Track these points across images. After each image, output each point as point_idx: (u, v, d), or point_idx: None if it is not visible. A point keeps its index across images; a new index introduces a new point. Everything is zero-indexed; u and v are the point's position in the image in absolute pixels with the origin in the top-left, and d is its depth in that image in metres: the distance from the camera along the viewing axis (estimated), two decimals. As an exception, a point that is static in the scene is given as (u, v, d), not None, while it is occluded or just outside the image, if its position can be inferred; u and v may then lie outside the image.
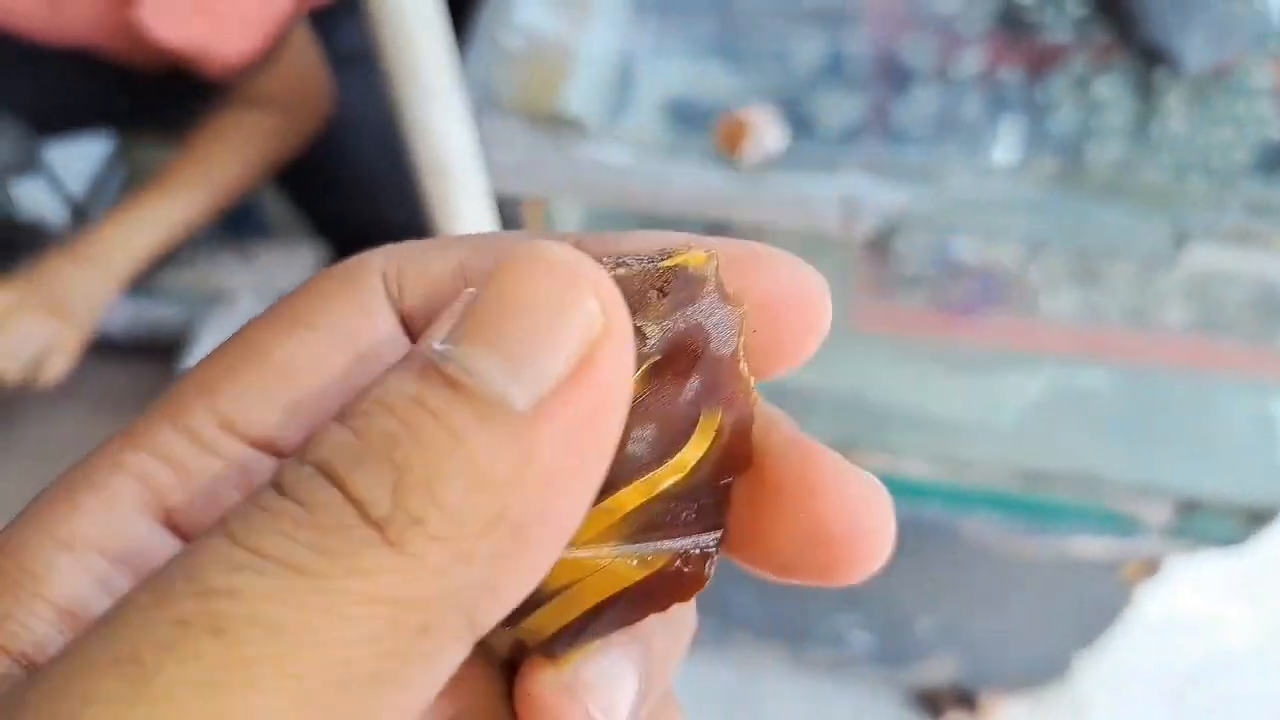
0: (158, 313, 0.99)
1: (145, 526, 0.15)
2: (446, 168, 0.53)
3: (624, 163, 0.64)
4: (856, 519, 0.16)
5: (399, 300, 0.17)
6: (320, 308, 0.16)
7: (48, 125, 0.93)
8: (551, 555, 0.13)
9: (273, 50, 0.81)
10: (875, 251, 0.67)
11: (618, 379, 0.13)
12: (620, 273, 0.15)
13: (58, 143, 0.97)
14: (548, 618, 0.16)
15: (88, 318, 0.80)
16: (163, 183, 0.82)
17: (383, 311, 0.17)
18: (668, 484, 0.16)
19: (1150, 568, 0.81)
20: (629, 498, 0.16)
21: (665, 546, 0.16)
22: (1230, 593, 1.21)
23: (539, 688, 0.17)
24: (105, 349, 0.88)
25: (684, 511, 0.16)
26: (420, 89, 0.49)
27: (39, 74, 0.86)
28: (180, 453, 0.15)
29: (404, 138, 0.52)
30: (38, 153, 0.91)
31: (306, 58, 0.87)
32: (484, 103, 0.65)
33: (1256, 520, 0.68)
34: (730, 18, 0.73)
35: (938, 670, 1.08)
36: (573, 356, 0.13)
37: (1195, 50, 0.66)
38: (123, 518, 0.15)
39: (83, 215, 1.01)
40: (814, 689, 1.16)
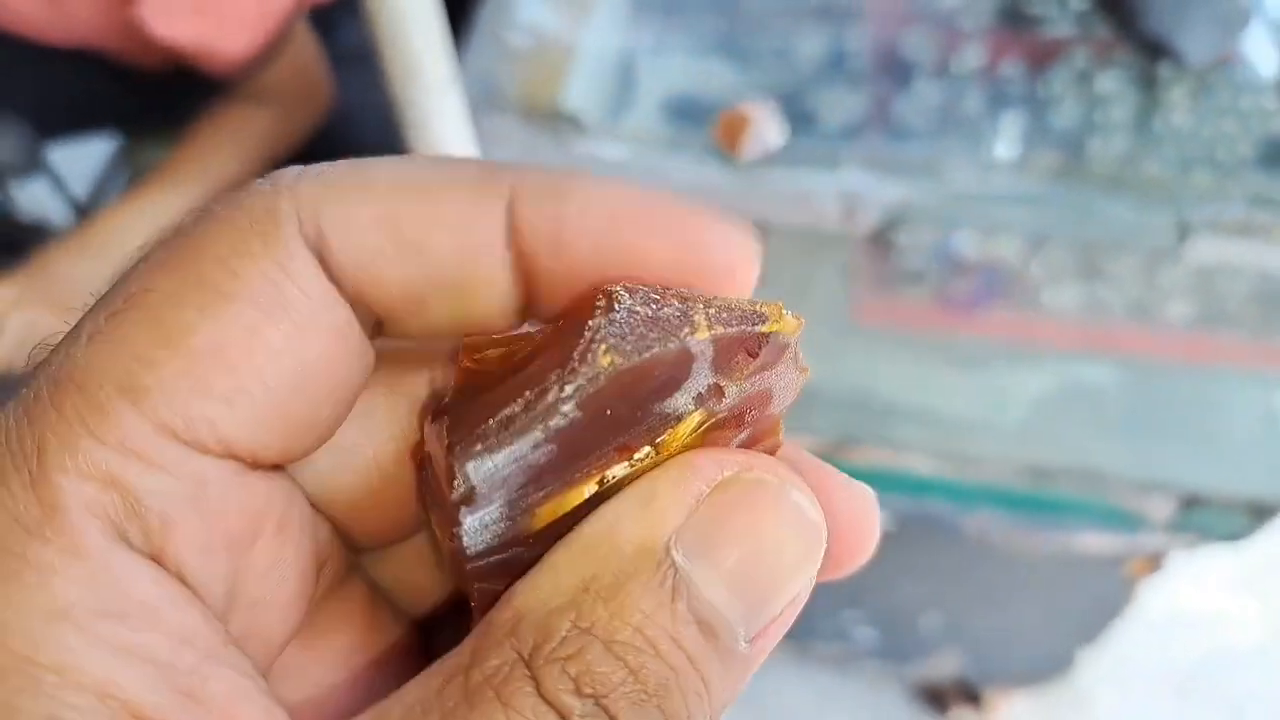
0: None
1: (122, 562, 0.13)
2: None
3: (623, 159, 0.64)
4: (837, 519, 0.17)
5: (319, 249, 0.15)
6: (235, 271, 0.14)
7: (51, 126, 0.93)
8: None
9: (274, 47, 0.81)
10: (877, 247, 0.67)
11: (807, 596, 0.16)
12: (718, 332, 0.15)
13: (61, 143, 0.97)
14: None
15: None
16: (163, 176, 0.82)
17: (308, 268, 0.14)
18: None
19: (1154, 563, 0.81)
20: None
21: None
22: (1234, 588, 1.20)
23: None
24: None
25: None
26: (419, 87, 0.49)
27: (42, 74, 0.86)
28: (120, 472, 0.13)
29: (403, 135, 0.52)
30: (41, 154, 0.91)
31: (307, 54, 0.87)
32: (484, 100, 0.65)
33: (1260, 515, 0.68)
34: (731, 14, 0.73)
35: (942, 666, 1.08)
36: (793, 603, 0.16)
37: (1197, 44, 0.66)
38: (105, 568, 0.13)
39: (86, 216, 1.01)
40: (819, 684, 1.16)
